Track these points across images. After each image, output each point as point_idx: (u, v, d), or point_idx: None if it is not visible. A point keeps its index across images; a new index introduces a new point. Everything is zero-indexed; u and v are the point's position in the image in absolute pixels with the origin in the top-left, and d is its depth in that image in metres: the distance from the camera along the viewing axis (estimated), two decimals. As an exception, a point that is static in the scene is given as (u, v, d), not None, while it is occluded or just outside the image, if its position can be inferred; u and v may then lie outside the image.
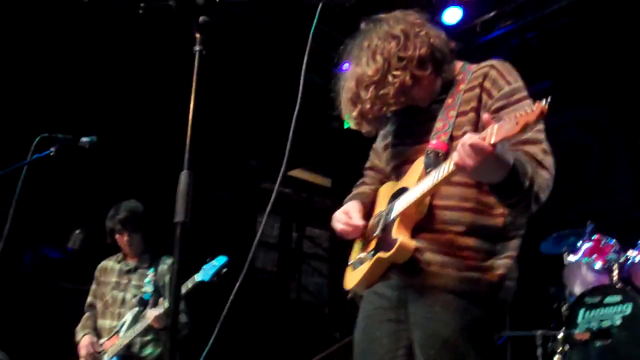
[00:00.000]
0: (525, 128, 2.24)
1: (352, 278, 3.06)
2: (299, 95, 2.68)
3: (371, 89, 2.84)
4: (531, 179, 2.53)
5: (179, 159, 2.22)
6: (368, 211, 3.15)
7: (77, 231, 8.69)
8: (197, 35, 2.37)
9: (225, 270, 4.98)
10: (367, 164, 3.41)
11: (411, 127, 3.04)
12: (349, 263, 3.14)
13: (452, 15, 8.38)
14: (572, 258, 7.00)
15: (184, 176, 2.21)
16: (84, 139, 4.59)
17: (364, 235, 3.09)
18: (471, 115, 2.82)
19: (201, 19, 2.37)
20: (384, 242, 2.84)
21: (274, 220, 11.55)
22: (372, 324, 2.94)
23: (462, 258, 2.75)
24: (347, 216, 3.06)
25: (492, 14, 8.71)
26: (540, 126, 2.73)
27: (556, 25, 8.39)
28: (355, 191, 3.31)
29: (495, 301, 2.78)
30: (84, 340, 5.43)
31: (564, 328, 6.45)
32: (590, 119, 9.32)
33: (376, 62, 2.84)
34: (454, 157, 2.44)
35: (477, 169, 2.39)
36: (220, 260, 5.02)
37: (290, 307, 11.04)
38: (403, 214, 2.79)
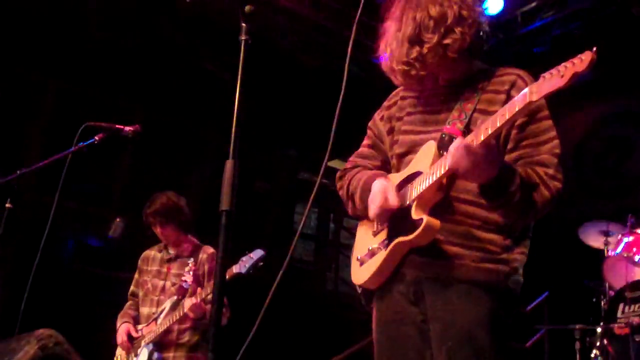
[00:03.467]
0: (573, 79, 2.23)
1: (361, 273, 2.99)
2: (343, 85, 2.66)
3: (436, 36, 2.82)
4: (522, 186, 2.59)
5: (219, 148, 2.24)
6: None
7: (118, 219, 8.78)
8: (243, 25, 2.39)
9: (261, 264, 5.00)
10: (368, 142, 3.25)
11: (424, 115, 2.99)
12: (355, 257, 3.05)
13: (494, 6, 8.31)
14: (611, 252, 6.95)
15: (229, 165, 2.23)
16: (128, 128, 4.60)
17: (371, 226, 3.03)
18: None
19: (247, 8, 2.40)
20: (401, 228, 2.78)
21: (311, 211, 11.55)
22: (395, 327, 2.87)
23: (478, 250, 2.75)
24: (383, 196, 2.89)
25: (533, 4, 8.62)
26: (557, 150, 2.76)
27: (599, 15, 8.29)
28: (366, 174, 3.11)
29: (510, 293, 2.79)
30: (120, 329, 5.52)
31: (602, 322, 6.41)
32: (632, 110, 9.20)
33: (442, 6, 2.84)
34: (448, 163, 2.55)
35: (472, 171, 2.51)
36: (257, 254, 5.04)
37: (327, 298, 11.07)
38: (421, 197, 2.74)
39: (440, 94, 2.98)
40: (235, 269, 5.01)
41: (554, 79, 2.27)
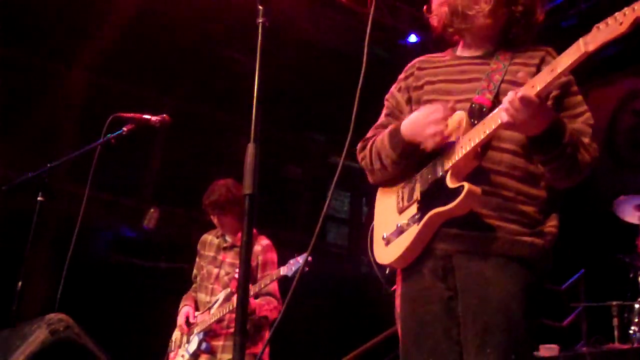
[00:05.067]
0: (634, 25, 2.19)
1: (389, 252, 2.92)
2: (363, 67, 2.63)
3: None
4: (571, 141, 2.58)
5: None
6: None
7: (152, 210, 8.85)
8: (260, 7, 2.39)
9: (307, 269, 4.99)
10: (386, 111, 3.19)
11: (447, 84, 2.95)
12: (381, 236, 2.98)
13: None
14: (647, 227, 6.86)
15: (250, 149, 2.23)
16: (155, 118, 4.59)
17: (394, 203, 2.98)
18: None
19: (265, -9, 2.39)
20: (435, 200, 2.72)
21: (344, 195, 11.55)
22: (421, 306, 2.81)
23: (513, 222, 2.71)
24: (436, 123, 2.75)
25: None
26: (591, 122, 2.76)
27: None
28: (387, 129, 3.04)
29: (544, 267, 2.76)
30: (181, 311, 5.56)
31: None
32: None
33: None
34: (502, 117, 2.49)
35: (528, 123, 2.48)
36: (304, 258, 5.02)
37: (361, 281, 11.09)
38: (456, 166, 2.69)
39: (463, 64, 2.97)
40: (282, 270, 5.03)
41: (611, 27, 2.23)
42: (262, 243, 5.49)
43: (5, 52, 8.24)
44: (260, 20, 2.38)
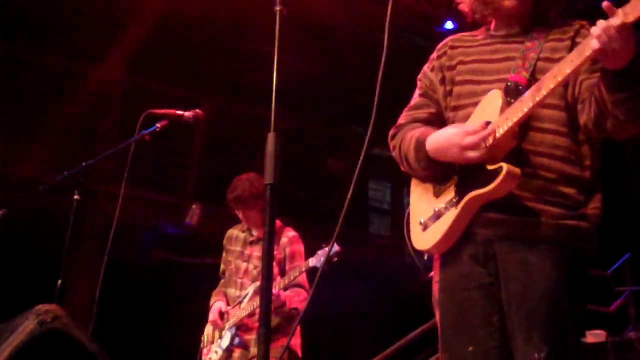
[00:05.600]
0: None
1: (427, 238, 2.86)
2: (384, 56, 2.57)
3: None
4: None
5: (287, 132, 2.22)
6: None
7: (194, 206, 8.89)
8: (278, -5, 2.36)
9: (336, 259, 4.95)
10: (419, 92, 3.10)
11: (481, 64, 2.88)
12: (418, 222, 2.91)
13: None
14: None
15: (270, 138, 2.21)
16: (188, 114, 4.58)
17: (428, 188, 2.92)
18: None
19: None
20: (473, 182, 2.64)
21: (385, 185, 11.50)
22: (460, 292, 2.75)
23: (556, 205, 2.62)
24: (475, 134, 2.64)
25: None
26: None
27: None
28: (418, 130, 2.95)
29: (589, 251, 2.68)
30: (213, 307, 5.55)
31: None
32: None
33: None
34: (594, 44, 2.34)
35: (618, 53, 2.34)
36: (333, 249, 4.97)
37: (406, 271, 11.02)
38: (494, 146, 2.59)
39: (497, 43, 2.91)
40: (311, 262, 4.99)
41: None
42: (288, 235, 5.46)
43: (37, 53, 8.37)
44: (278, 8, 2.35)
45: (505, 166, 2.53)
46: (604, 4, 2.31)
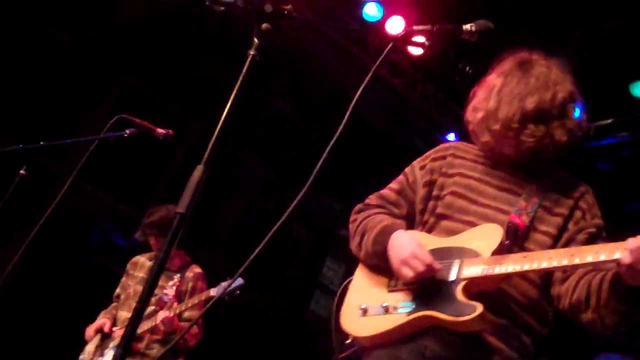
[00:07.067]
0: None
1: (362, 325, 2.77)
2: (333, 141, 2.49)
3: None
4: None
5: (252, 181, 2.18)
6: None
7: (141, 225, 8.79)
8: (255, 40, 2.35)
9: (238, 292, 4.94)
10: (396, 187, 3.08)
11: (483, 185, 2.87)
12: (359, 305, 2.80)
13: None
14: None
15: (197, 171, 2.17)
16: (160, 131, 4.56)
17: (381, 278, 2.85)
18: (558, 219, 2.75)
19: (264, 25, 2.35)
20: (437, 301, 2.58)
21: (339, 265, 11.41)
22: None
23: (512, 348, 2.65)
24: (420, 259, 2.64)
25: (609, 120, 8.45)
26: None
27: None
28: (389, 219, 2.95)
29: None
30: (98, 320, 5.51)
31: None
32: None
33: (543, 99, 2.77)
34: (625, 258, 2.30)
35: None
36: (237, 282, 4.95)
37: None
38: (473, 281, 2.56)
39: (502, 170, 2.90)
40: (212, 291, 4.99)
41: None
42: (195, 270, 5.52)
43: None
44: (252, 53, 2.33)
45: (480, 308, 2.48)
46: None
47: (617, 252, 2.33)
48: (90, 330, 5.50)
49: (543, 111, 2.75)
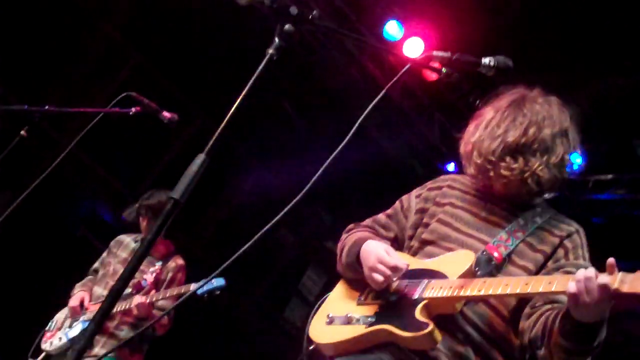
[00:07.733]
0: None
1: (326, 333, 2.84)
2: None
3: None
4: (601, 342, 2.43)
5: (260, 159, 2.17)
6: None
7: (137, 205, 8.77)
8: (276, 40, 2.34)
9: (218, 292, 4.91)
10: (390, 211, 3.15)
11: (469, 215, 2.90)
12: (326, 313, 2.90)
13: (575, 161, 8.17)
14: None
15: (198, 159, 2.16)
16: (166, 113, 4.54)
17: (355, 292, 2.91)
18: (538, 256, 2.75)
19: (287, 27, 2.34)
20: (395, 316, 2.64)
21: (320, 277, 11.38)
22: None
23: None
24: (385, 263, 2.72)
25: (609, 176, 8.45)
26: None
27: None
28: (365, 234, 3.02)
29: None
30: (77, 295, 5.48)
31: None
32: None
33: (525, 134, 2.78)
34: (570, 287, 2.29)
35: (588, 307, 2.29)
36: (219, 282, 4.93)
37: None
38: (434, 301, 2.60)
39: (492, 205, 2.91)
40: (192, 286, 4.96)
41: None
42: (177, 261, 5.50)
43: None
44: (270, 52, 2.32)
45: (431, 326, 2.51)
46: (609, 261, 2.30)
47: (569, 282, 2.32)
48: (75, 303, 5.43)
49: (524, 145, 2.77)
